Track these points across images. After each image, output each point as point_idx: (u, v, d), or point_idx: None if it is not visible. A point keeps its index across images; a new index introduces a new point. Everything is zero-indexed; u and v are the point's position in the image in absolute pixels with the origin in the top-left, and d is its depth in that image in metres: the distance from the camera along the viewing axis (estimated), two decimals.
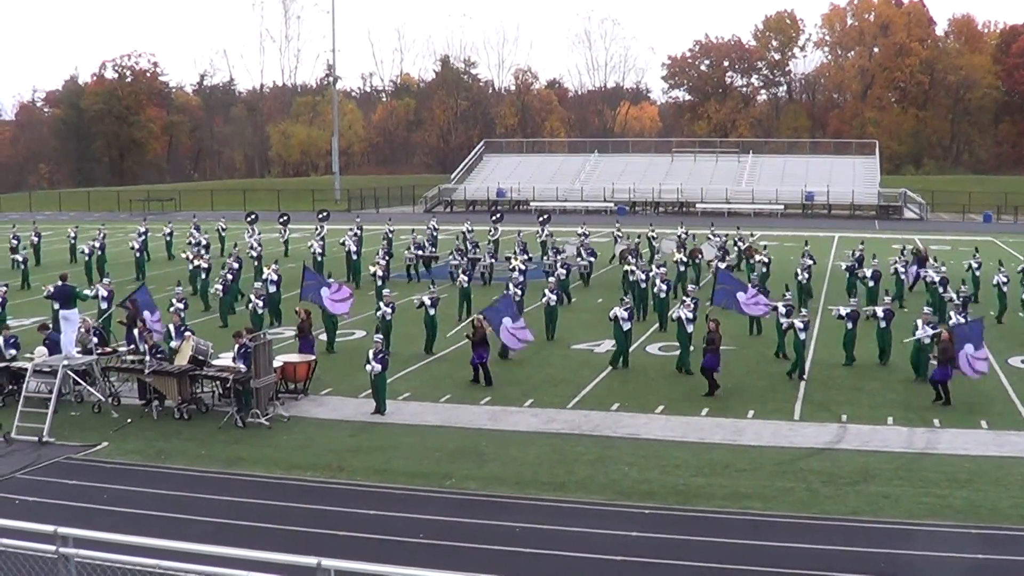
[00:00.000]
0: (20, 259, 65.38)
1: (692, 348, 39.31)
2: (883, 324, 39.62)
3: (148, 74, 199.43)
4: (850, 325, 39.68)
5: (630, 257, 56.96)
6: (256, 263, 60.83)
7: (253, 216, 79.72)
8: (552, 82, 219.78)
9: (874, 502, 25.35)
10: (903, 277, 55.29)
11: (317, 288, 39.82)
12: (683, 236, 67.87)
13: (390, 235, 75.30)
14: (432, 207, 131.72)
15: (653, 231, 74.46)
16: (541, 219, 79.25)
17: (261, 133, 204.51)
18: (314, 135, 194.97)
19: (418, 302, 42.94)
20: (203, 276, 54.49)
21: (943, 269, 53.70)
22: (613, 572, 21.47)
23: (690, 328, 39.11)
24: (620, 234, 72.67)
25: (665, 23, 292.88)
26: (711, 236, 68.85)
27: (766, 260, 57.61)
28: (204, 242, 68.77)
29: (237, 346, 33.49)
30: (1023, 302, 50.60)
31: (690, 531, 23.50)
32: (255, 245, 64.66)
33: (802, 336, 38.35)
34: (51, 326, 38.00)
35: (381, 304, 41.90)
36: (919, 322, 37.93)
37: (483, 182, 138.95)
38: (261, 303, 44.92)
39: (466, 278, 49.72)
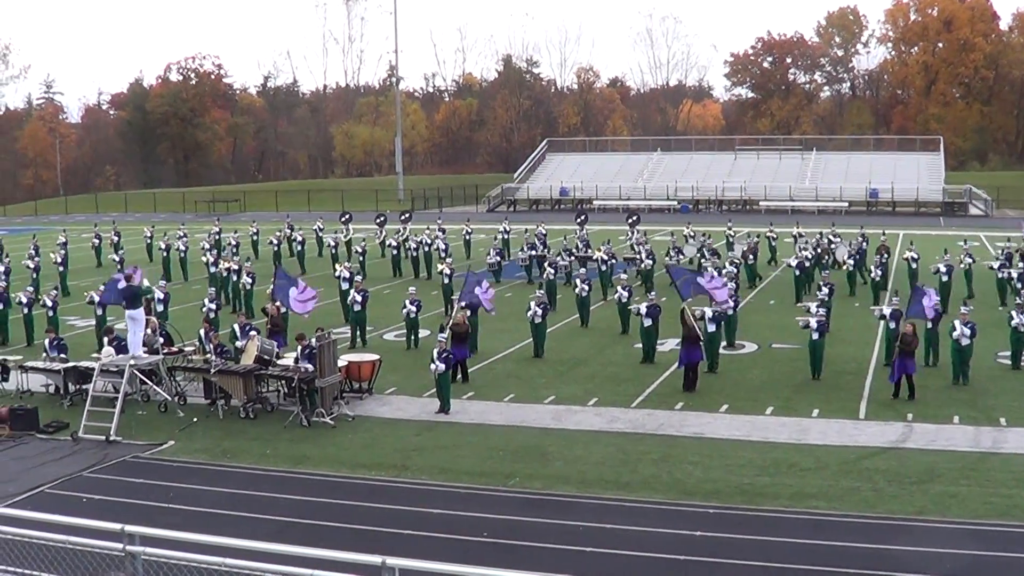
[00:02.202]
0: (117, 259, 66.02)
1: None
2: (892, 324, 39.06)
3: (212, 76, 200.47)
4: (893, 324, 39.36)
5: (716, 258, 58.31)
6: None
7: (348, 216, 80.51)
8: (614, 80, 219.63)
9: (940, 502, 25.17)
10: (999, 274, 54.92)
11: (287, 288, 39.82)
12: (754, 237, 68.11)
13: (469, 235, 76.03)
14: (495, 206, 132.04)
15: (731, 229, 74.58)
16: (630, 220, 79.11)
17: (324, 134, 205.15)
18: (377, 135, 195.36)
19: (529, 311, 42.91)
20: (234, 278, 54.88)
21: (1022, 267, 53.63)
22: (678, 571, 21.44)
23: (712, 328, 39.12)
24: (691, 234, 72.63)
25: (727, 20, 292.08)
26: (690, 236, 69.27)
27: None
28: (235, 242, 69.56)
29: (301, 347, 33.68)
30: None
31: (755, 531, 23.42)
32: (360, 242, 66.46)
33: (815, 336, 38.21)
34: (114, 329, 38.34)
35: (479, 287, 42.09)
36: (956, 322, 37.61)
37: (546, 181, 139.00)
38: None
39: (585, 285, 49.40)
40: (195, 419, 33.14)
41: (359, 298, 44.15)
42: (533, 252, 63.67)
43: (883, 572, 21.06)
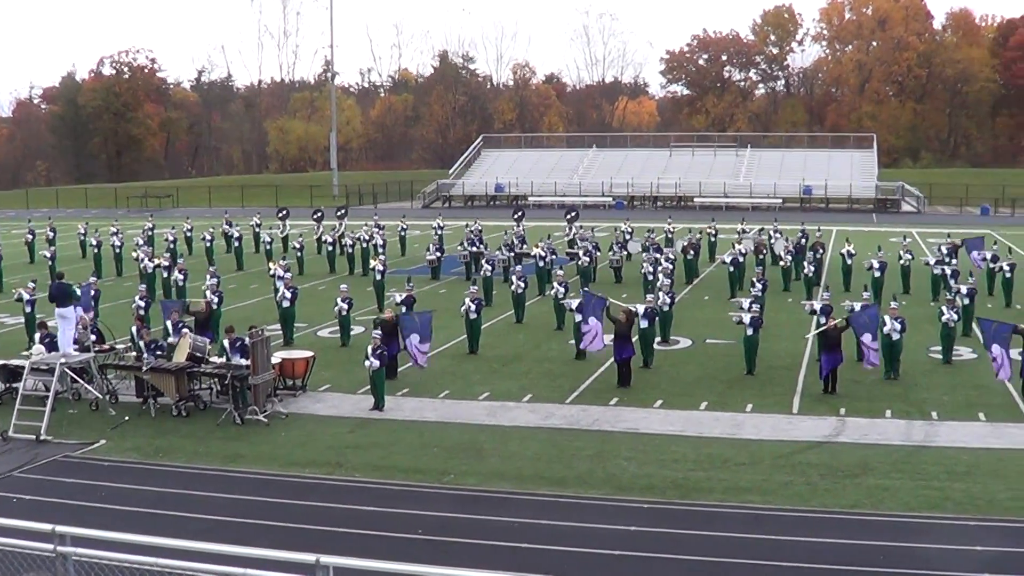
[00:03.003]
0: (48, 255, 65.49)
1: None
2: (823, 319, 39.39)
3: (146, 70, 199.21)
4: (823, 319, 39.59)
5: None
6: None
7: (284, 212, 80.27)
8: (550, 77, 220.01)
9: (873, 495, 25.37)
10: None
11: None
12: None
13: (404, 232, 76.10)
14: (430, 202, 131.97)
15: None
16: (569, 216, 79.23)
17: (259, 129, 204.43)
18: (312, 131, 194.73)
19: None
20: (165, 275, 54.71)
21: (954, 264, 54.28)
22: (612, 567, 21.46)
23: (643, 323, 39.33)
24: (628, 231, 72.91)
25: (663, 18, 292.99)
26: (627, 234, 69.58)
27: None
28: (171, 238, 69.27)
29: (229, 340, 33.56)
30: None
31: (689, 525, 23.53)
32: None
33: (749, 332, 38.46)
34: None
35: (397, 295, 42.11)
36: (887, 317, 37.93)
37: (481, 177, 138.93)
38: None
39: (521, 282, 49.26)
40: (127, 417, 32.86)
41: (288, 295, 43.96)
42: (473, 248, 63.63)
43: (817, 565, 21.19)
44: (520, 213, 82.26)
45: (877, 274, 52.17)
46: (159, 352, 34.45)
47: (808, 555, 21.76)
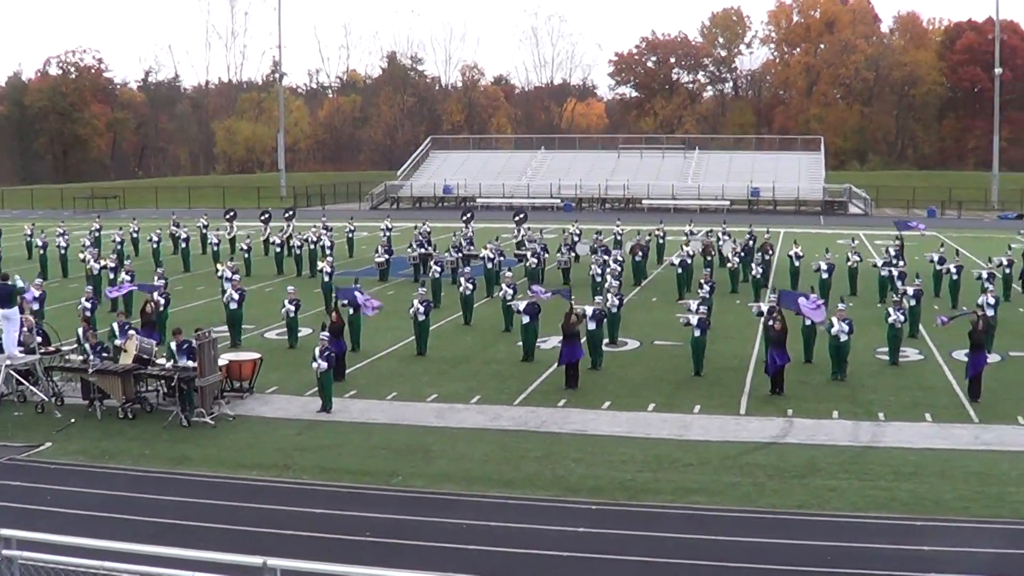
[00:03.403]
0: None
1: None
2: (770, 321, 39.66)
3: (93, 71, 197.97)
4: (770, 322, 39.81)
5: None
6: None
7: (232, 213, 79.92)
8: (499, 79, 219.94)
9: (820, 495, 25.50)
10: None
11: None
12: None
13: (352, 233, 75.91)
14: (378, 204, 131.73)
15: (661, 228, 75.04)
16: (517, 218, 79.20)
17: (206, 130, 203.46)
18: (260, 132, 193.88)
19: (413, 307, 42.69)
20: (111, 276, 54.50)
21: (902, 265, 54.65)
22: (560, 568, 21.48)
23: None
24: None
25: (612, 20, 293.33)
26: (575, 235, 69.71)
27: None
28: (118, 239, 68.95)
29: (176, 341, 33.41)
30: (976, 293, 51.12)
31: (637, 526, 23.57)
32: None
33: (696, 333, 38.61)
34: None
35: (360, 294, 42.13)
36: (834, 319, 38.18)
37: (429, 179, 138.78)
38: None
39: (470, 284, 49.19)
40: (73, 420, 32.59)
41: (235, 296, 43.81)
42: (421, 250, 63.52)
43: (764, 566, 21.28)
44: (469, 215, 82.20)
45: (825, 276, 52.51)
46: (104, 354, 34.24)
47: (755, 556, 21.85)
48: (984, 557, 21.90)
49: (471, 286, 48.46)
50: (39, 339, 35.43)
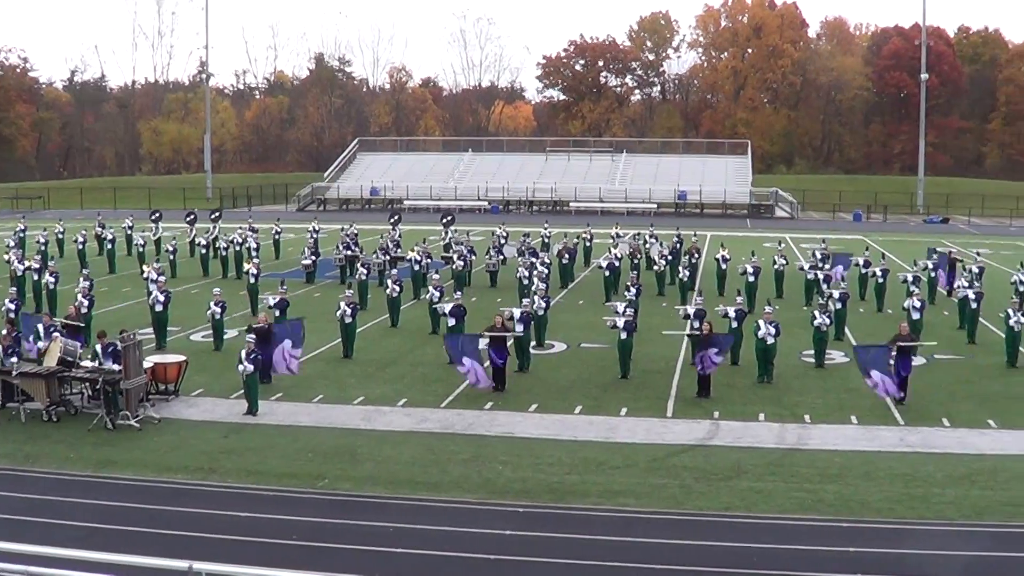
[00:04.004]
0: None
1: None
2: (735, 324, 40.15)
3: (18, 70, 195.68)
4: (696, 323, 40.11)
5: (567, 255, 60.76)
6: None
7: (158, 214, 79.40)
8: (427, 81, 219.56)
9: (746, 497, 25.65)
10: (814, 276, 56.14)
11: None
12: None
13: (278, 235, 75.56)
14: (305, 206, 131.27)
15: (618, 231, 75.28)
16: (445, 220, 79.11)
17: (132, 130, 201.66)
18: (186, 132, 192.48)
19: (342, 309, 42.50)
20: (35, 277, 53.95)
21: (827, 269, 55.13)
22: (488, 571, 21.48)
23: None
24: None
25: (540, 23, 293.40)
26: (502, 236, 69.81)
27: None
28: (43, 239, 68.45)
29: (101, 345, 33.14)
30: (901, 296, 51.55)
31: (564, 529, 23.58)
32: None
33: (623, 336, 38.71)
34: None
35: (271, 299, 42.14)
36: (760, 321, 38.43)
37: (357, 180, 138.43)
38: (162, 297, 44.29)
39: (396, 286, 49.10)
40: None
41: (161, 298, 43.53)
42: (348, 252, 63.32)
43: (691, 568, 21.38)
44: (396, 217, 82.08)
45: (751, 279, 52.74)
46: (16, 357, 33.77)
47: (682, 558, 21.95)
48: (909, 558, 22.09)
49: (398, 288, 48.40)
50: None
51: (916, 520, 24.32)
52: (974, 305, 46.31)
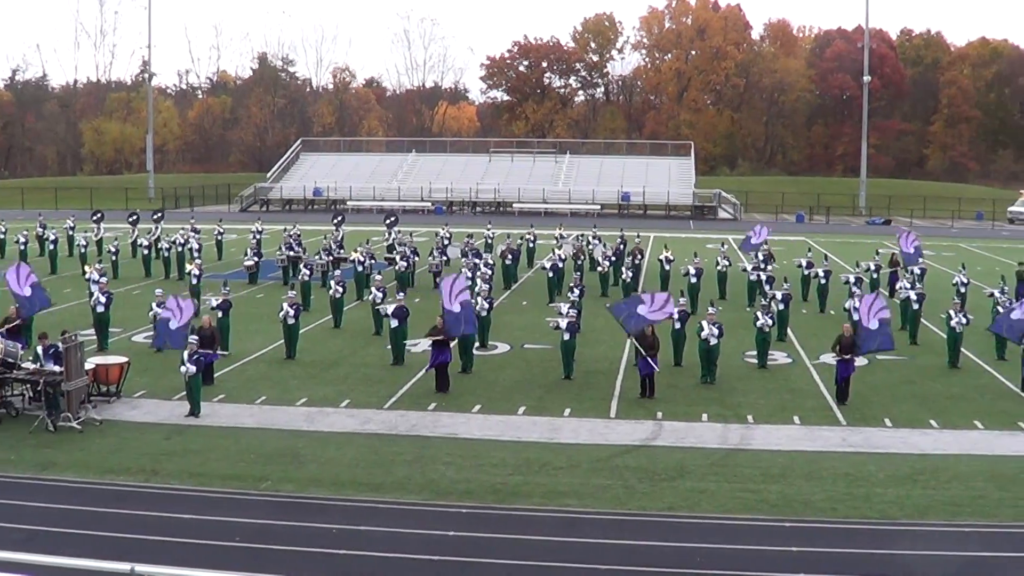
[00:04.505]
0: None
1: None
2: (678, 325, 40.32)
3: None
4: (678, 325, 40.27)
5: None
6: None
7: (99, 214, 78.78)
8: (370, 81, 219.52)
9: (690, 498, 25.76)
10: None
11: None
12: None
13: (221, 236, 75.13)
14: (248, 206, 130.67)
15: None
16: (388, 221, 78.92)
17: (74, 130, 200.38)
18: (128, 132, 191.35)
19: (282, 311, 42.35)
20: None
21: (769, 269, 55.46)
22: (431, 572, 21.47)
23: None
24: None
25: (484, 24, 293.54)
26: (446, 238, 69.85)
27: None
28: None
29: (42, 346, 32.94)
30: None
31: (508, 529, 23.61)
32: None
33: (566, 337, 38.83)
34: None
35: (214, 300, 42.12)
36: (704, 322, 38.58)
37: (300, 181, 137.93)
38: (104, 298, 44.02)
39: (340, 287, 48.96)
40: None
41: (103, 299, 43.29)
42: (291, 253, 63.12)
43: (635, 568, 21.44)
44: (339, 218, 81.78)
45: (693, 280, 52.99)
46: None
47: (626, 558, 22.00)
48: (851, 557, 22.24)
49: (341, 289, 48.32)
50: None
51: (859, 519, 24.50)
52: (916, 306, 46.72)
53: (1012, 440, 31.53)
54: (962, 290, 52.21)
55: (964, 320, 41.58)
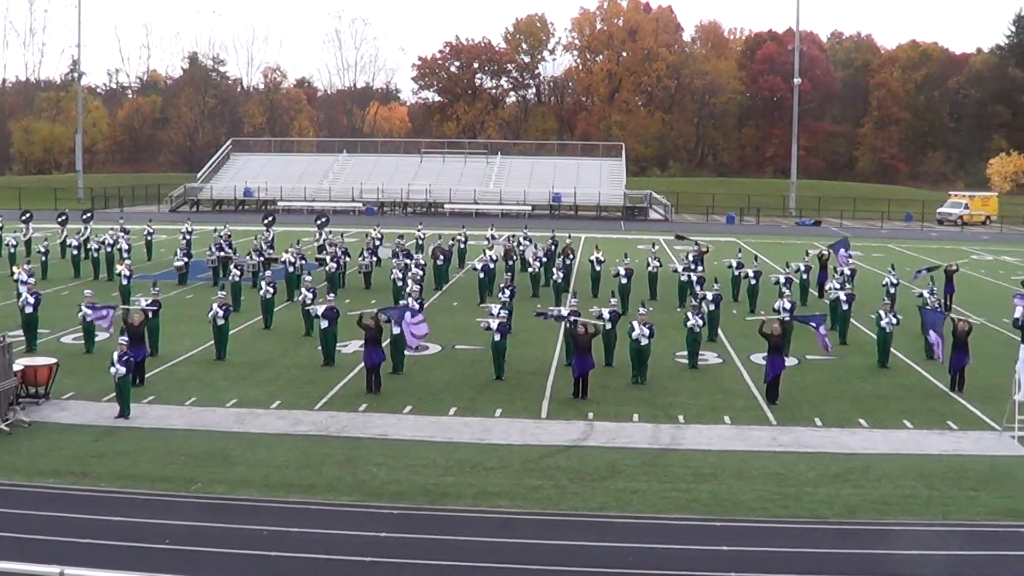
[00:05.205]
0: None
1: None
2: (609, 325, 40.41)
3: None
4: (609, 325, 40.35)
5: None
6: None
7: (28, 215, 78.12)
8: (301, 81, 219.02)
9: (621, 498, 25.84)
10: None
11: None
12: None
13: (151, 236, 74.69)
14: (177, 206, 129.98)
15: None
16: (319, 221, 78.63)
17: (2, 130, 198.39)
18: (57, 132, 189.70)
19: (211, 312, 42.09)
20: None
21: (700, 271, 55.77)
22: (362, 573, 21.44)
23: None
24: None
25: (416, 24, 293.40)
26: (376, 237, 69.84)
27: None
28: None
29: None
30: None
31: (439, 530, 23.59)
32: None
33: (497, 337, 38.96)
34: None
35: (143, 300, 41.81)
36: (635, 323, 38.68)
37: (230, 181, 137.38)
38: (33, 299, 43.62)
39: (270, 287, 48.78)
40: None
41: (31, 300, 42.93)
42: (221, 253, 62.81)
43: (567, 568, 21.50)
44: (270, 218, 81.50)
45: (624, 280, 53.07)
46: None
47: (558, 558, 22.05)
48: (782, 556, 22.39)
49: (271, 290, 48.18)
50: None
51: (789, 518, 24.68)
52: (845, 306, 47.05)
53: (940, 439, 31.85)
54: (892, 291, 52.63)
55: (894, 320, 41.92)
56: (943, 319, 38.98)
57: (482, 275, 56.80)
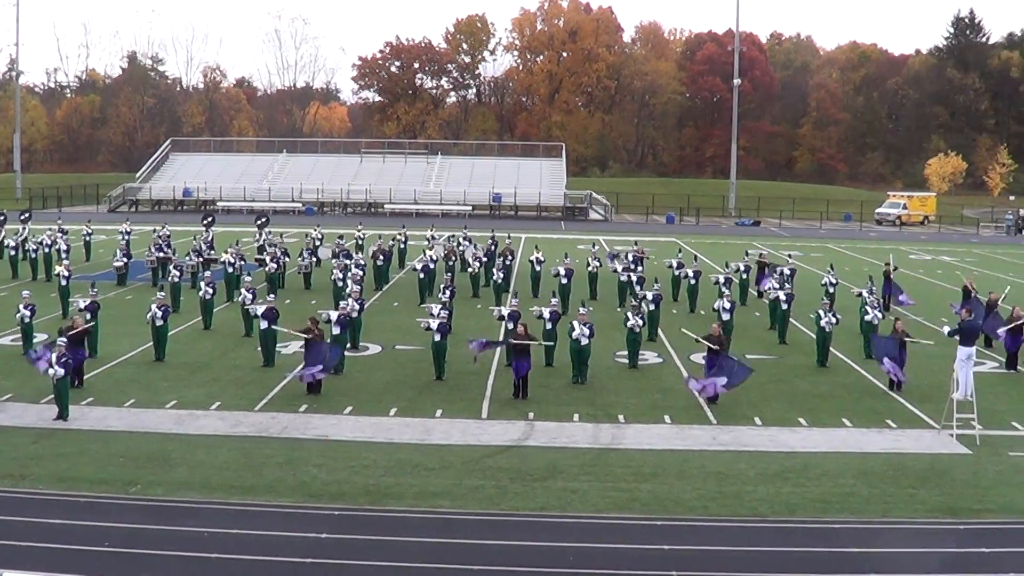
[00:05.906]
0: None
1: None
2: (549, 325, 40.47)
3: None
4: (511, 325, 40.36)
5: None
6: None
7: None
8: (241, 81, 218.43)
9: (562, 497, 25.90)
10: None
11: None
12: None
13: (89, 236, 74.18)
14: (116, 207, 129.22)
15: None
16: (259, 222, 78.36)
17: None
18: None
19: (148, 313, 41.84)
20: None
21: (639, 270, 56.00)
22: (303, 575, 21.40)
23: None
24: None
25: (356, 24, 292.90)
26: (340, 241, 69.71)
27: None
28: None
29: None
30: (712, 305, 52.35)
31: (380, 531, 23.61)
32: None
33: (437, 338, 38.97)
34: None
35: (81, 302, 41.60)
36: (575, 323, 38.78)
37: (169, 181, 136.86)
38: None
39: (210, 288, 48.55)
40: None
41: None
42: (160, 254, 62.49)
43: (508, 568, 21.53)
44: (209, 218, 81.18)
45: (564, 281, 53.20)
46: None
47: (499, 558, 22.09)
48: (722, 555, 22.51)
49: (211, 290, 47.97)
50: None
51: (730, 517, 24.82)
52: (784, 306, 47.29)
53: (879, 437, 32.12)
54: (831, 290, 52.93)
55: (833, 320, 42.21)
56: (894, 344, 38.98)
57: (422, 275, 56.76)
